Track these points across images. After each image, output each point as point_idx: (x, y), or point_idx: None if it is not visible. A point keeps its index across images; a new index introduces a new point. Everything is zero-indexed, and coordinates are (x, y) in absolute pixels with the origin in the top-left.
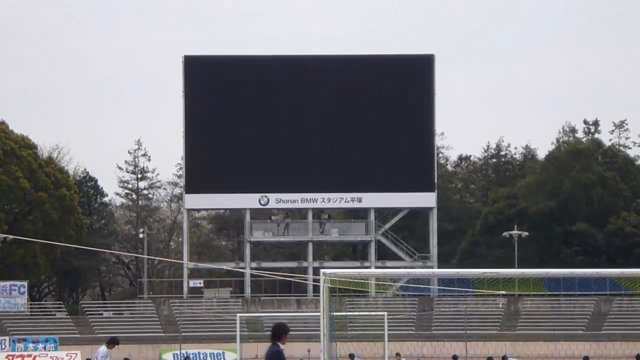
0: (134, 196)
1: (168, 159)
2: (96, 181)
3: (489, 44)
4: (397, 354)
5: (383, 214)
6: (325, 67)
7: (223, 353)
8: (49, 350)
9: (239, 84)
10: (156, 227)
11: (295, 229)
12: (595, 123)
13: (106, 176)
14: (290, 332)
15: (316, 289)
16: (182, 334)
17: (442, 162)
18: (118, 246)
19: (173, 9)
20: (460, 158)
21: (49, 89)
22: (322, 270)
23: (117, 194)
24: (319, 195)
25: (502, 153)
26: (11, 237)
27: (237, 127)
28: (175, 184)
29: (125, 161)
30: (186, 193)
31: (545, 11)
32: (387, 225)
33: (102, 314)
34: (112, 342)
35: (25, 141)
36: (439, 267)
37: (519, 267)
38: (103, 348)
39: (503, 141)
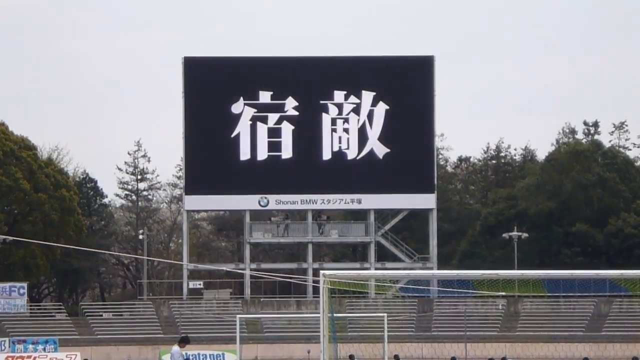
0: (134, 197)
1: (168, 160)
2: (96, 182)
3: (488, 45)
4: (396, 356)
5: (383, 215)
6: (325, 68)
7: (223, 354)
8: (49, 352)
9: (239, 85)
10: (156, 228)
11: (295, 230)
12: (595, 124)
13: (106, 177)
14: (290, 334)
15: (316, 290)
16: (182, 335)
17: (442, 163)
18: (118, 247)
19: (173, 9)
20: (460, 159)
21: (48, 90)
22: (321, 272)
23: (117, 195)
24: (318, 197)
25: (502, 154)
26: (11, 238)
27: (237, 127)
28: (175, 185)
29: (125, 162)
30: (186, 194)
31: (545, 12)
32: (387, 227)
33: (101, 315)
34: (183, 342)
35: (25, 142)
36: (438, 269)
37: (519, 268)
38: (176, 348)
39: (503, 142)
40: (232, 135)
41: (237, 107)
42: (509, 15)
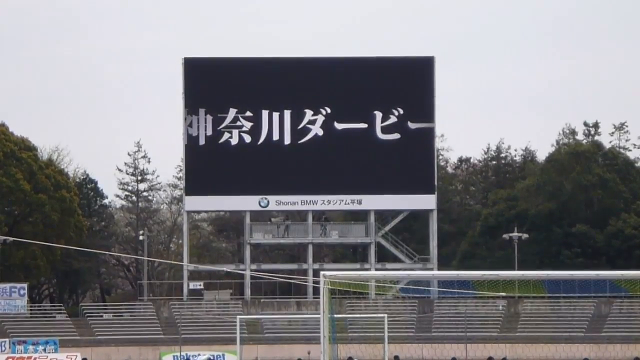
0: (134, 198)
1: (168, 161)
2: (96, 183)
3: (488, 45)
4: (396, 357)
5: (383, 216)
6: (325, 69)
7: (223, 355)
8: (49, 352)
9: (239, 86)
10: (156, 229)
11: (295, 230)
12: (595, 125)
13: (106, 178)
14: (291, 334)
15: (316, 291)
16: (182, 335)
17: (442, 164)
18: (118, 248)
19: (173, 10)
20: (460, 160)
21: (49, 90)
22: (322, 272)
23: (117, 196)
24: (319, 197)
25: (502, 155)
26: (11, 239)
27: (237, 128)
28: (175, 186)
29: (125, 163)
30: (186, 195)
31: (545, 13)
32: (387, 227)
33: (102, 316)
34: None
35: (25, 143)
36: (439, 269)
37: (519, 269)
38: None
39: (503, 143)
40: (232, 136)
41: (236, 108)
42: (509, 15)
